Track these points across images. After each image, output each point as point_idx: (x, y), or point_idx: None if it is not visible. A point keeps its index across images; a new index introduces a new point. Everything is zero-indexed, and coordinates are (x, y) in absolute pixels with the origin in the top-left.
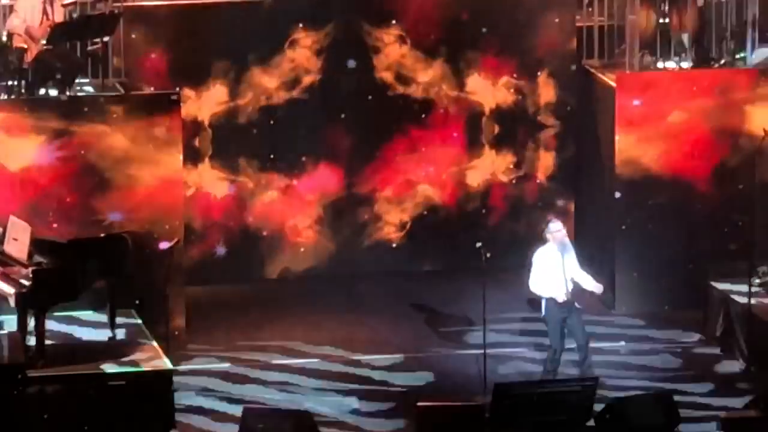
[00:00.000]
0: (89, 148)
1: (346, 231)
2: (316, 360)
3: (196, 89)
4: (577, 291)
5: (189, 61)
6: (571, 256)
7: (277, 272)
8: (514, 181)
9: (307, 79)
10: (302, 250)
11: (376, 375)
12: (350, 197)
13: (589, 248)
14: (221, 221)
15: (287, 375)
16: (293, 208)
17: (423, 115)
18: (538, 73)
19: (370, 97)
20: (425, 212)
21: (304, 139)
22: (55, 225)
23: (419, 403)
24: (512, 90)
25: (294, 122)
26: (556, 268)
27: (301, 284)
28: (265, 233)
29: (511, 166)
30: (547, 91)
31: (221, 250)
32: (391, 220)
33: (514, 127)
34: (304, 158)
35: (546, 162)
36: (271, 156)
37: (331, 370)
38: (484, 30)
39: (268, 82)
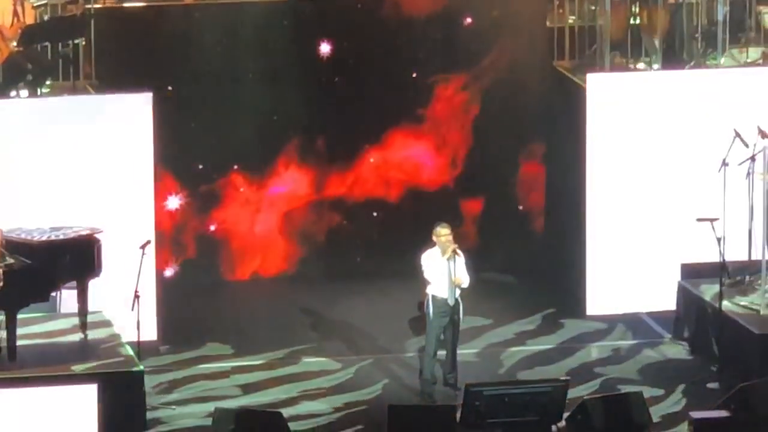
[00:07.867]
0: (61, 150)
1: (316, 233)
2: (291, 361)
3: (167, 91)
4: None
5: (161, 62)
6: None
7: (248, 275)
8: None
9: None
10: (271, 253)
11: (350, 376)
12: (319, 201)
13: (559, 249)
14: (191, 225)
15: (258, 375)
16: (262, 211)
17: (393, 122)
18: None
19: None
20: (396, 215)
21: (274, 142)
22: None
23: (390, 404)
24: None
25: (263, 125)
26: (442, 272)
27: (272, 286)
28: (234, 237)
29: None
30: (519, 93)
31: (191, 253)
32: (364, 222)
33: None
34: (273, 162)
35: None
36: (240, 160)
37: (303, 371)
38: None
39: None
